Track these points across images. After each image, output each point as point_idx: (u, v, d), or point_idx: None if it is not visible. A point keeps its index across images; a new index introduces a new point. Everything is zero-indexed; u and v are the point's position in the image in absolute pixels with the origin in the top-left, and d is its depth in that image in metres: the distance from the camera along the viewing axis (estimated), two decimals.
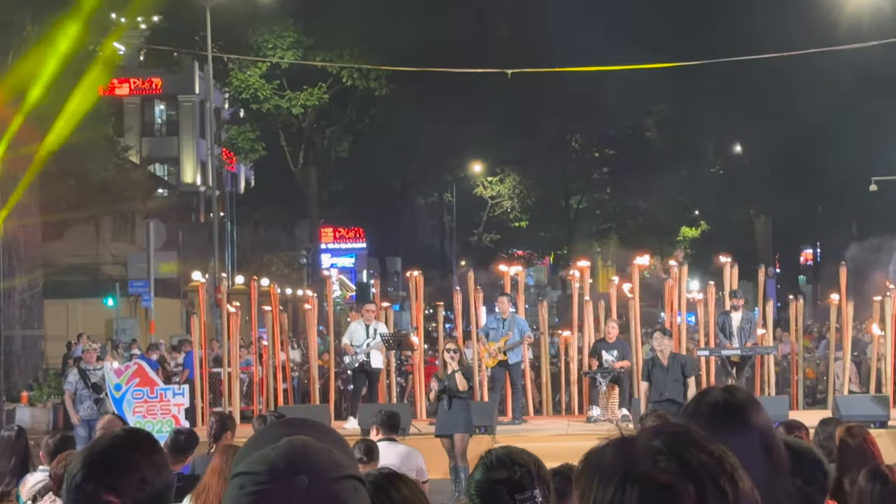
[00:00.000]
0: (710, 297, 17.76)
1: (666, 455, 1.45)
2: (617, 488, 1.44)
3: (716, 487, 1.42)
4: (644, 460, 1.45)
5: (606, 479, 1.46)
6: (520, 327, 16.16)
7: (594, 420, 15.81)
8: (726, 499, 1.41)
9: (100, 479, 2.12)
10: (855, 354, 19.78)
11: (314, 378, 17.87)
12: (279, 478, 1.45)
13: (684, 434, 1.49)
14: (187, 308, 35.34)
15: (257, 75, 37.70)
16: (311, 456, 1.49)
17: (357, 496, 1.49)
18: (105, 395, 15.75)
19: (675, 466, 1.43)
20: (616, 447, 1.50)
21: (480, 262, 43.31)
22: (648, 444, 1.47)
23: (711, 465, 1.44)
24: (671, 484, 1.42)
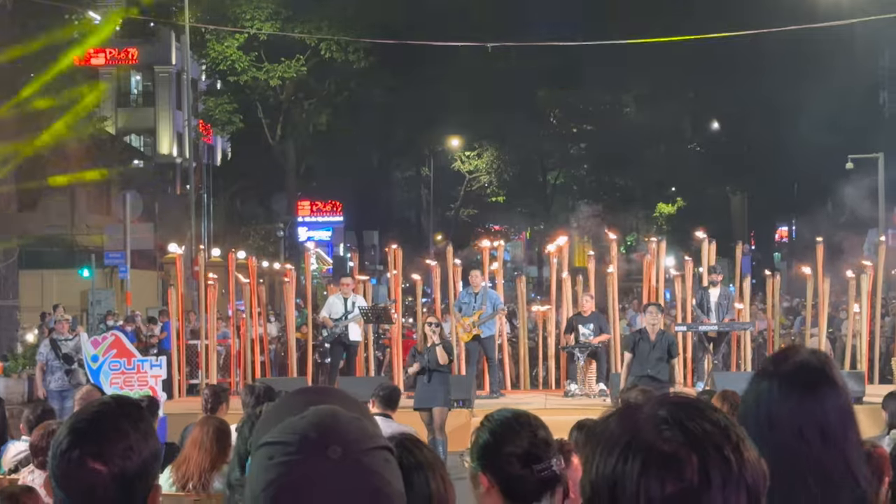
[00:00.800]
0: (687, 274, 17.83)
1: (670, 424, 1.44)
2: (620, 457, 1.44)
3: (720, 457, 1.41)
4: (648, 429, 1.44)
5: (609, 448, 1.46)
6: (492, 301, 16.18)
7: (571, 394, 15.88)
8: (730, 468, 1.40)
9: (86, 446, 2.10)
10: (830, 331, 19.92)
11: (292, 351, 17.85)
12: (311, 448, 1.41)
13: (689, 404, 1.48)
14: (164, 280, 35.20)
15: (235, 46, 37.45)
16: (343, 426, 1.46)
17: (389, 467, 1.47)
18: (76, 366, 15.70)
19: (678, 436, 1.42)
20: (620, 416, 1.50)
21: (457, 236, 43.38)
22: (653, 413, 1.47)
23: (716, 434, 1.43)
24: (674, 453, 1.41)
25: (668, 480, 1.39)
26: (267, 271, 32.28)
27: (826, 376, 2.31)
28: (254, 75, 37.96)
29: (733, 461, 1.41)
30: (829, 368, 2.34)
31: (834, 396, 2.29)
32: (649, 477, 1.40)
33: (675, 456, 1.41)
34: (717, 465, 1.40)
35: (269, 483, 1.40)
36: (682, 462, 1.40)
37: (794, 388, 2.27)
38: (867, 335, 17.00)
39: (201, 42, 38.09)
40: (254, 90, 39.21)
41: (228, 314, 20.10)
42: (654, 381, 12.41)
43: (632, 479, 1.41)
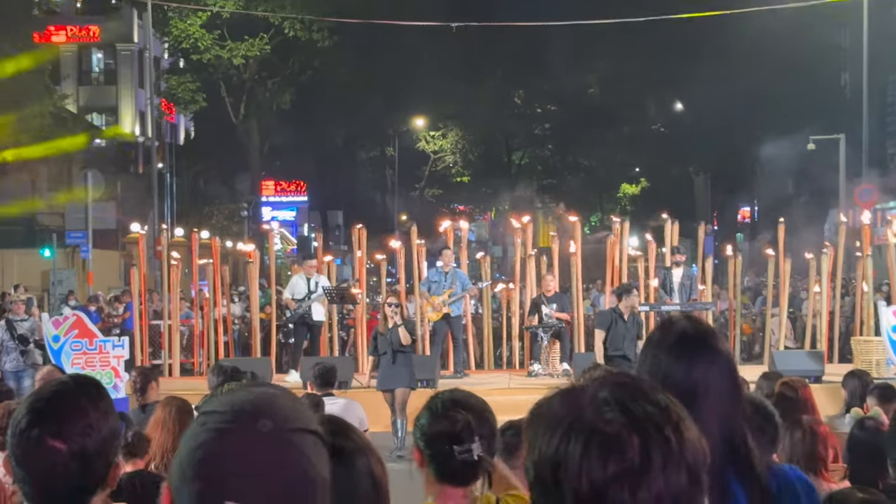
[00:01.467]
0: (650, 254, 17.92)
1: (611, 405, 1.45)
2: (562, 438, 1.45)
3: (661, 437, 1.42)
4: (590, 411, 1.45)
5: (552, 430, 1.47)
6: (461, 281, 16.23)
7: (535, 374, 15.94)
8: (671, 448, 1.42)
9: (45, 424, 2.09)
10: (791, 311, 20.11)
11: (255, 331, 17.80)
12: (243, 419, 1.43)
13: (631, 385, 1.49)
14: (126, 260, 34.96)
15: (198, 24, 37.14)
16: (277, 404, 1.48)
17: (317, 451, 1.48)
18: (32, 346, 15.58)
19: (620, 417, 1.43)
20: (563, 397, 1.51)
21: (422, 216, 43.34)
22: (595, 394, 1.47)
23: (657, 415, 1.44)
24: (616, 434, 1.42)
25: (609, 461, 1.40)
26: (231, 251, 32.14)
27: (704, 344, 2.40)
28: (217, 54, 37.69)
29: (674, 441, 1.42)
30: (710, 336, 2.42)
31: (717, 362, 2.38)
32: (591, 458, 1.41)
33: (616, 437, 1.42)
34: (657, 445, 1.41)
35: (199, 446, 1.43)
36: (623, 443, 1.41)
37: (680, 357, 2.36)
38: (827, 315, 17.18)
39: (164, 20, 37.75)
40: (217, 69, 38.94)
41: (192, 294, 20.01)
42: (626, 360, 12.64)
43: (574, 460, 1.42)
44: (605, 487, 1.40)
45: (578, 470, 1.42)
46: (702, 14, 28.50)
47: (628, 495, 1.39)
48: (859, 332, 16.86)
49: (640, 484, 1.40)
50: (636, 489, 1.39)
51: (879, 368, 14.75)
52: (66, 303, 23.83)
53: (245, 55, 37.92)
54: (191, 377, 17.03)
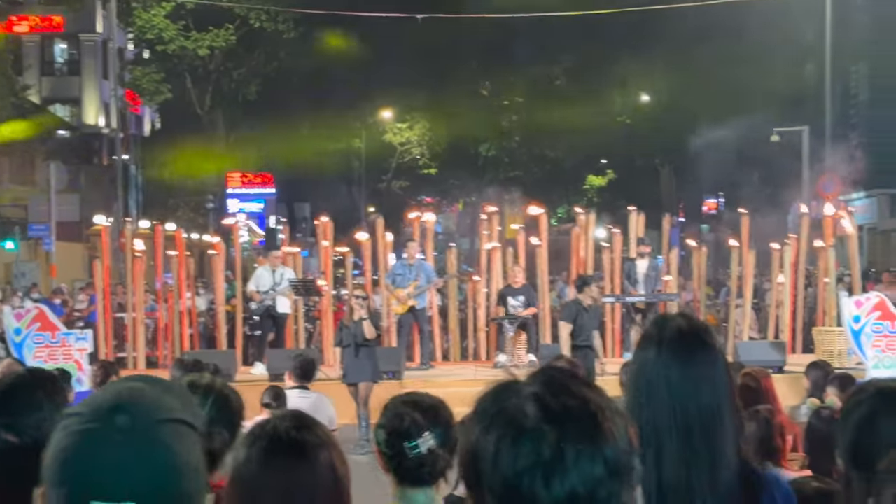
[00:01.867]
0: (615, 245, 18.00)
1: (533, 399, 1.47)
2: (482, 431, 1.47)
3: (575, 430, 1.43)
4: (513, 404, 1.47)
5: (477, 420, 1.50)
6: (426, 273, 16.23)
7: (501, 366, 15.97)
8: (584, 441, 1.43)
9: None
10: (755, 302, 20.26)
11: (220, 323, 17.73)
12: (101, 417, 1.44)
13: (558, 379, 1.51)
14: (90, 252, 34.71)
15: (162, 15, 36.88)
16: (137, 397, 1.48)
17: (183, 440, 1.48)
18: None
19: (537, 411, 1.45)
20: (496, 391, 1.53)
21: (389, 208, 43.28)
22: (523, 388, 1.50)
23: (575, 408, 1.45)
24: (530, 428, 1.44)
25: (521, 454, 1.42)
26: (196, 243, 31.99)
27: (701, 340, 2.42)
28: (182, 44, 37.42)
29: (589, 435, 1.44)
30: (705, 332, 2.44)
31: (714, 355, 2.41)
32: (503, 452, 1.43)
33: (530, 431, 1.43)
34: (571, 439, 1.43)
35: (61, 450, 1.44)
36: (536, 437, 1.43)
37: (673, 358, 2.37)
38: (790, 306, 17.34)
39: (128, 10, 37.47)
40: (182, 59, 38.68)
41: (157, 287, 19.89)
42: (592, 350, 12.87)
43: (489, 453, 1.44)
44: (518, 481, 1.42)
45: (493, 463, 1.44)
46: (667, 6, 28.61)
47: (542, 488, 1.41)
48: (821, 323, 17.02)
49: (552, 477, 1.41)
50: (549, 482, 1.41)
51: (841, 358, 14.91)
52: (29, 295, 23.64)
53: (210, 46, 37.69)
54: (156, 370, 16.94)
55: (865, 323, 13.43)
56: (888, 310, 13.59)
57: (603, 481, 1.43)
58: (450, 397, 3.49)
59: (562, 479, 1.41)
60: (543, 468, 1.41)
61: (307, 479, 2.45)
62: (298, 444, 2.46)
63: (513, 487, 1.42)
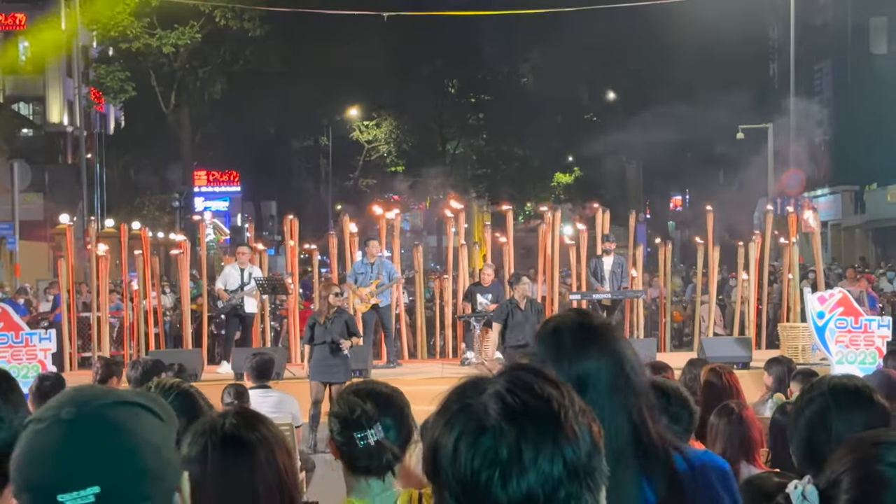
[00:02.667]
0: (581, 242, 18.05)
1: (493, 398, 1.46)
2: (444, 427, 1.47)
3: (534, 430, 1.43)
4: (475, 402, 1.47)
5: (440, 417, 1.50)
6: (388, 271, 16.20)
7: (468, 363, 16.00)
8: (544, 440, 1.42)
9: None
10: (720, 298, 20.38)
11: (186, 322, 17.64)
12: (49, 415, 1.48)
13: (520, 378, 1.51)
14: (54, 251, 34.42)
15: (126, 12, 36.59)
16: (84, 392, 1.52)
17: (140, 421, 1.50)
18: None
19: (497, 408, 1.45)
20: (461, 388, 1.53)
21: (356, 206, 43.19)
22: (486, 387, 1.50)
23: (534, 406, 1.45)
24: (490, 426, 1.43)
25: (478, 452, 1.42)
26: (162, 242, 31.80)
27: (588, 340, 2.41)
28: (146, 42, 37.15)
29: (549, 435, 1.43)
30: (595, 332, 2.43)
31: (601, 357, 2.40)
32: (462, 448, 1.43)
33: (489, 429, 1.43)
34: (530, 438, 1.42)
35: (17, 457, 1.49)
36: (495, 435, 1.43)
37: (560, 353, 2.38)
38: (755, 302, 17.46)
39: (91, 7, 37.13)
40: (146, 57, 38.39)
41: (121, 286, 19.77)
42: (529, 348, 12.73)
43: (448, 450, 1.44)
44: (476, 478, 1.41)
45: (452, 459, 1.44)
46: (633, 4, 28.72)
47: (499, 486, 1.40)
48: (786, 319, 17.15)
49: (509, 476, 1.41)
50: (506, 481, 1.40)
51: (805, 354, 15.02)
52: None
53: (175, 44, 37.43)
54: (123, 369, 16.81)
55: (829, 319, 13.54)
56: (851, 305, 13.72)
57: (562, 482, 1.42)
58: (417, 394, 3.50)
59: (519, 478, 1.40)
60: (501, 467, 1.41)
61: (245, 475, 2.48)
62: (238, 440, 2.50)
63: (470, 485, 1.42)
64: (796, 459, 2.67)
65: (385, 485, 3.07)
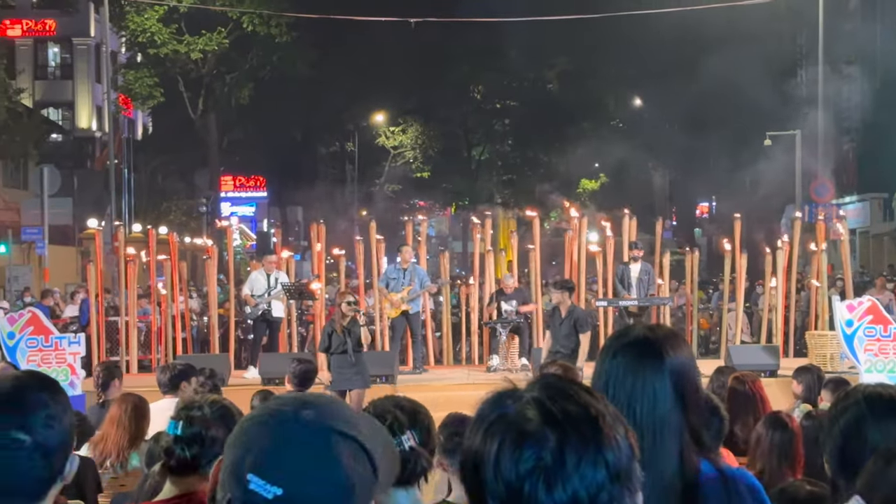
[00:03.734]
0: (608, 249, 18.00)
1: (532, 405, 1.48)
2: (483, 436, 1.49)
3: (577, 435, 1.45)
4: (513, 409, 1.49)
5: (478, 425, 1.51)
6: (420, 277, 16.21)
7: (494, 369, 15.99)
8: (587, 446, 1.45)
9: (7, 417, 2.08)
10: (747, 305, 20.28)
11: (214, 327, 17.72)
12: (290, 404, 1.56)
13: (556, 385, 1.53)
14: (82, 256, 34.66)
15: (155, 18, 36.84)
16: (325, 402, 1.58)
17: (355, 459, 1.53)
18: None
19: (538, 416, 1.47)
20: (496, 397, 1.55)
21: (382, 212, 43.27)
22: (522, 395, 1.52)
23: (576, 413, 1.47)
24: (532, 432, 1.45)
25: (522, 459, 1.44)
26: (189, 247, 31.96)
27: (653, 354, 2.40)
28: (174, 48, 37.38)
29: (591, 439, 1.45)
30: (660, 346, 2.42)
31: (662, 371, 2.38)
32: (505, 456, 1.45)
33: (532, 434, 1.45)
34: (573, 443, 1.44)
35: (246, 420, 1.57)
36: (538, 441, 1.44)
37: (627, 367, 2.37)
38: (783, 309, 17.36)
39: (120, 14, 37.44)
40: (174, 63, 38.63)
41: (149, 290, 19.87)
42: (563, 356, 12.67)
43: (491, 457, 1.46)
44: (520, 485, 1.43)
45: (495, 467, 1.45)
46: (661, 10, 28.66)
47: (544, 493, 1.42)
48: (814, 327, 17.05)
49: (554, 481, 1.42)
50: (551, 487, 1.42)
51: (833, 362, 14.94)
52: (22, 299, 23.61)
53: (203, 50, 37.64)
54: (149, 374, 16.89)
55: (858, 327, 13.45)
56: (881, 314, 13.62)
57: (605, 486, 1.44)
58: (443, 401, 3.52)
59: (564, 483, 1.42)
60: (545, 473, 1.43)
61: None
62: None
63: (515, 492, 1.44)
64: (830, 468, 2.66)
65: (410, 495, 3.03)
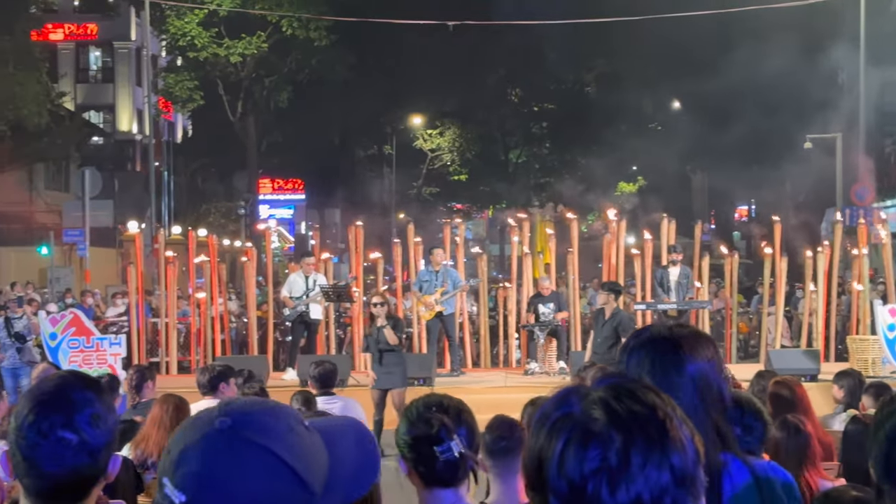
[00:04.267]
0: (646, 252, 17.92)
1: (598, 404, 1.47)
2: (547, 435, 1.48)
3: (642, 436, 1.43)
4: (577, 409, 1.48)
5: (541, 426, 1.50)
6: (452, 279, 16.22)
7: (531, 373, 15.97)
8: (652, 449, 1.43)
9: (54, 416, 2.11)
10: (787, 309, 20.11)
11: (252, 329, 17.81)
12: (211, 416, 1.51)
13: (622, 385, 1.52)
14: (123, 258, 34.96)
15: (195, 22, 37.13)
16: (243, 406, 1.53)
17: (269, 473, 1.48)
18: (29, 344, 15.64)
19: (603, 415, 1.45)
20: (558, 397, 1.53)
21: (420, 214, 43.32)
22: (587, 394, 1.50)
23: (641, 414, 1.46)
24: (597, 432, 1.44)
25: (587, 458, 1.43)
26: (228, 249, 32.15)
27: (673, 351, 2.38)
28: (214, 52, 37.64)
29: (657, 441, 1.44)
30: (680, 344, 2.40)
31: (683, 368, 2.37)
32: (569, 455, 1.44)
33: (597, 434, 1.44)
34: (638, 445, 1.43)
35: None
36: (603, 441, 1.43)
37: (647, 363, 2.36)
38: (823, 314, 17.21)
39: (161, 18, 37.75)
40: (214, 66, 38.91)
41: (189, 292, 20.01)
42: (598, 357, 12.74)
43: (555, 457, 1.44)
44: (584, 485, 1.42)
45: (558, 467, 1.44)
46: (700, 13, 28.51)
47: (607, 494, 1.41)
48: (855, 331, 16.89)
49: (618, 483, 1.41)
50: (615, 488, 1.41)
51: (875, 367, 14.80)
52: (63, 300, 23.82)
53: (242, 53, 37.89)
54: (188, 375, 17.03)
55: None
56: None
57: (668, 489, 1.42)
58: (480, 403, 3.52)
59: (627, 485, 1.41)
60: (609, 473, 1.42)
61: None
62: None
63: (578, 491, 1.43)
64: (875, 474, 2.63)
65: (456, 494, 3.06)
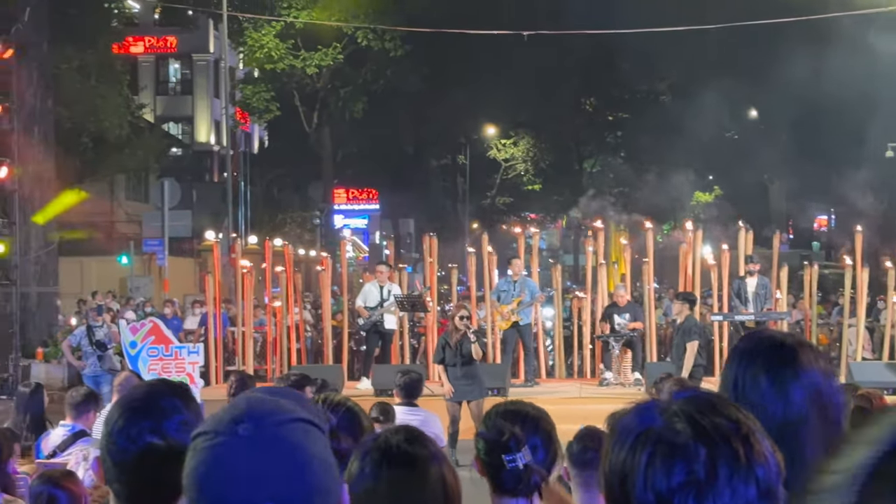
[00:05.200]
0: (723, 262, 17.72)
1: (680, 418, 1.47)
2: (630, 449, 1.47)
3: (728, 449, 1.43)
4: (659, 422, 1.48)
5: (622, 440, 1.50)
6: (530, 289, 16.21)
7: (606, 383, 15.87)
8: (738, 461, 1.43)
9: (144, 422, 2.15)
10: (869, 321, 19.73)
11: (327, 338, 17.94)
12: (225, 430, 1.52)
13: (703, 398, 1.52)
14: (200, 267, 35.46)
15: (272, 35, 37.58)
16: (253, 406, 1.55)
17: (309, 436, 1.54)
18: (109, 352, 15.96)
19: (687, 429, 1.45)
20: (637, 409, 1.53)
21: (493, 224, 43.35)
22: (668, 407, 1.50)
23: (726, 427, 1.45)
24: (682, 445, 1.44)
25: (674, 472, 1.42)
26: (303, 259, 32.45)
27: (785, 359, 2.33)
28: (290, 63, 38.06)
29: (742, 454, 1.43)
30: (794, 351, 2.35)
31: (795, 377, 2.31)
32: (656, 468, 1.43)
33: (683, 447, 1.43)
34: (725, 458, 1.42)
35: (192, 470, 1.52)
36: (689, 455, 1.43)
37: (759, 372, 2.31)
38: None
39: (238, 30, 38.27)
40: (290, 78, 39.34)
41: (265, 301, 20.23)
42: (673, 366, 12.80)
43: (640, 471, 1.44)
44: (670, 498, 1.42)
45: (644, 480, 1.44)
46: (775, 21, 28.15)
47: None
48: None
49: (705, 496, 1.41)
50: (702, 501, 1.41)
51: None
52: (143, 309, 24.23)
53: (318, 64, 38.25)
54: (264, 383, 17.20)
55: None
56: None
57: (753, 503, 1.43)
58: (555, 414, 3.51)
59: (715, 498, 1.41)
60: (697, 486, 1.41)
61: (417, 492, 2.48)
62: (409, 456, 2.49)
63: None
64: None
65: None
